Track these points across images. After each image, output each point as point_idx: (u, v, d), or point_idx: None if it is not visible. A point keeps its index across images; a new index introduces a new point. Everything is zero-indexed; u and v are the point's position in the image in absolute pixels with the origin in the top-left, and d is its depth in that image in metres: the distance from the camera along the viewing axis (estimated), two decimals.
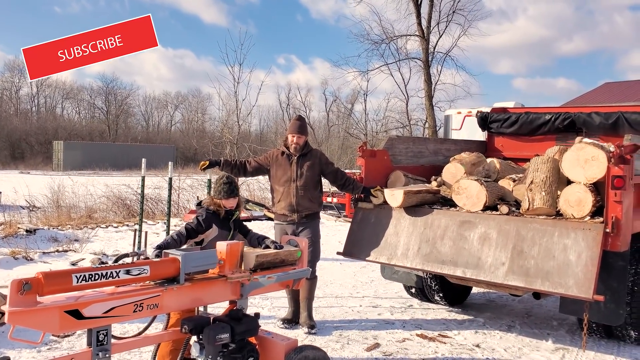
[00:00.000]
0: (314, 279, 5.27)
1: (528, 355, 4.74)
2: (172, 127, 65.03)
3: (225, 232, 4.10)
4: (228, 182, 4.08)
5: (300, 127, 5.31)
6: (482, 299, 6.70)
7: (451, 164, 5.56)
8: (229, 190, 4.06)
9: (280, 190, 5.25)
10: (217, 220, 4.08)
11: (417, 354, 4.68)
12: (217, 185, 4.10)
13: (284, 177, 5.23)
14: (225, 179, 4.10)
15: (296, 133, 5.26)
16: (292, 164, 5.24)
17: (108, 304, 3.05)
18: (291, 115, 53.35)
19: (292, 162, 5.25)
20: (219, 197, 4.06)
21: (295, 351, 3.54)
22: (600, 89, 28.70)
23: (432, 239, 4.93)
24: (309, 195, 5.23)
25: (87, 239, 9.75)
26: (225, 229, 4.11)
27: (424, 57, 24.25)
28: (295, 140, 5.24)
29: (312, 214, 5.26)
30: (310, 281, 5.15)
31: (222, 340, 3.38)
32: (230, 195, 4.06)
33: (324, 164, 5.37)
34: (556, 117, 6.85)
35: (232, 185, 4.09)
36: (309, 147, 5.36)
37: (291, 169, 5.22)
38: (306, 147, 5.32)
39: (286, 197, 5.21)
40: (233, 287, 3.67)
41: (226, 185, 4.06)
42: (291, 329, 5.20)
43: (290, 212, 5.18)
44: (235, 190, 4.12)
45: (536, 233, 4.48)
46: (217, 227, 4.08)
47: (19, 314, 2.74)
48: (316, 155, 5.38)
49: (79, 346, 4.55)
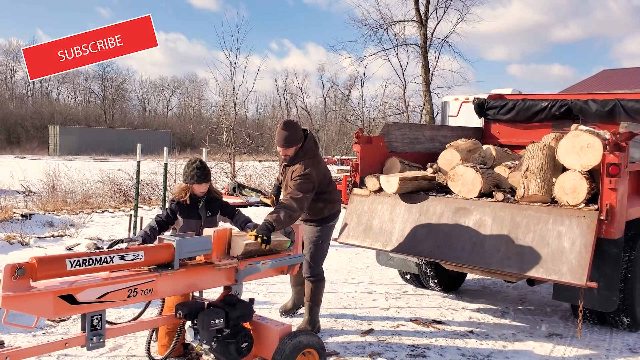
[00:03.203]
0: (318, 281, 4.77)
1: (522, 341, 4.77)
2: (169, 113, 64.81)
3: (192, 220, 4.05)
4: (201, 166, 4.00)
5: (286, 139, 4.45)
6: (477, 285, 6.74)
7: (447, 151, 5.54)
8: (202, 175, 3.97)
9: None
10: (181, 210, 4.03)
11: (410, 339, 4.71)
12: (188, 170, 3.99)
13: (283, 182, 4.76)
14: (198, 162, 4.02)
15: (281, 146, 4.49)
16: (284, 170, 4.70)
17: (102, 289, 3.06)
18: (288, 101, 53.15)
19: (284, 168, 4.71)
20: (190, 182, 3.98)
21: (289, 336, 3.56)
22: (597, 76, 28.64)
23: (427, 226, 4.93)
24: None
25: (83, 224, 9.75)
26: (193, 217, 4.05)
27: (421, 43, 24.14)
28: (282, 152, 4.55)
29: (314, 220, 4.72)
30: (314, 283, 4.75)
31: (216, 325, 3.40)
32: (202, 180, 3.99)
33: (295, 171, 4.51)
34: (553, 104, 6.84)
35: (205, 170, 4.02)
36: (301, 157, 4.53)
37: (283, 175, 4.74)
38: (297, 157, 4.53)
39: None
40: (227, 272, 3.68)
41: (199, 170, 3.97)
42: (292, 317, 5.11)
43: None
44: (208, 175, 4.03)
45: (531, 220, 4.48)
46: (181, 217, 4.05)
47: (13, 298, 2.74)
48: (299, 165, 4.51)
49: (74, 331, 4.56)
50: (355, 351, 4.39)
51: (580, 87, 26.19)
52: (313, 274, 4.75)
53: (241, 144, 20.37)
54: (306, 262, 4.72)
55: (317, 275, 4.76)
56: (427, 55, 24.21)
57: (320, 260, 4.80)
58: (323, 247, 4.80)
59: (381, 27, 25.39)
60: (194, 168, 3.99)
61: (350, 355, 4.30)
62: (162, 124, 58.72)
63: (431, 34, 24.78)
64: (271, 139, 27.76)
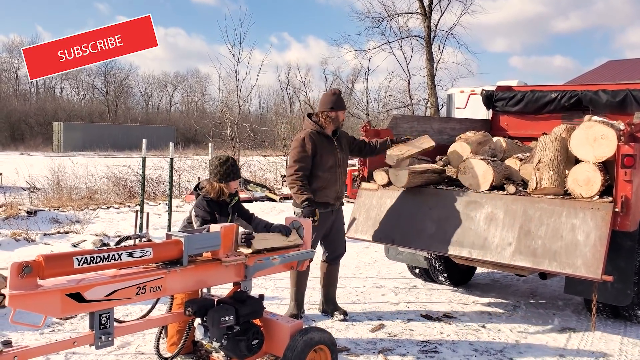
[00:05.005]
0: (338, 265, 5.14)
1: (534, 335, 4.70)
2: (172, 108, 64.74)
3: (224, 218, 3.98)
4: (232, 163, 3.92)
5: (344, 102, 4.93)
6: (487, 279, 6.67)
7: (457, 143, 5.46)
8: (233, 172, 3.91)
9: (326, 176, 4.78)
10: (217, 207, 3.97)
11: (422, 334, 4.64)
12: (219, 169, 3.88)
13: (329, 163, 4.78)
14: (232, 160, 3.94)
15: (345, 109, 4.89)
16: (335, 147, 4.83)
17: (110, 286, 3.01)
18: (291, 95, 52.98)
19: (334, 145, 4.83)
20: (225, 181, 3.89)
21: (300, 333, 3.50)
22: (602, 67, 28.38)
23: (438, 220, 4.86)
24: (345, 180, 5.04)
25: (89, 220, 9.72)
26: (224, 214, 4.00)
27: (425, 35, 23.98)
28: (342, 117, 4.87)
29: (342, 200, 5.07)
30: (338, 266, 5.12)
31: (226, 322, 3.34)
32: (236, 177, 3.94)
33: (352, 139, 5.11)
34: (562, 95, 6.74)
35: (236, 167, 3.96)
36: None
37: (334, 152, 4.82)
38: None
39: (333, 184, 4.81)
40: (237, 268, 3.62)
41: (231, 167, 3.89)
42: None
43: (335, 199, 4.88)
44: (239, 172, 4.00)
45: (544, 213, 4.41)
46: (217, 214, 3.99)
47: (20, 297, 2.69)
48: (344, 134, 5.07)
49: (81, 328, 4.52)
50: (366, 347, 4.33)
51: (585, 78, 25.95)
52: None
53: (245, 139, 20.33)
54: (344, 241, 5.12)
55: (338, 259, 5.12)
56: (431, 48, 24.06)
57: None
58: None
59: (384, 19, 25.25)
60: (229, 166, 3.90)
61: (361, 351, 4.25)
62: (166, 120, 58.68)
63: (435, 26, 24.62)
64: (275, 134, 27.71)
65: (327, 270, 5.12)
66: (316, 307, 5.21)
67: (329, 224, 4.92)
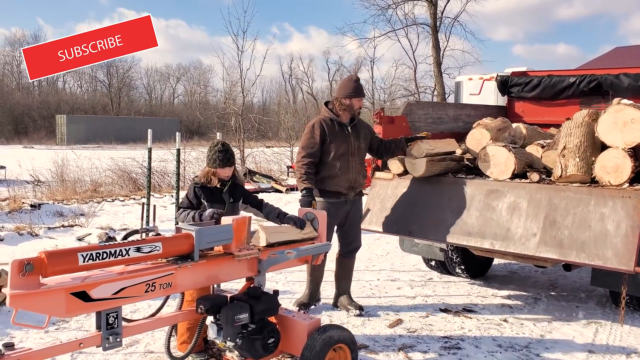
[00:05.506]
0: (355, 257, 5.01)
1: (559, 330, 4.51)
2: (175, 100, 64.49)
3: (217, 205, 3.79)
4: (224, 149, 3.76)
5: (363, 90, 4.80)
6: (504, 270, 6.47)
7: (476, 130, 5.23)
8: (225, 158, 3.74)
9: (336, 164, 4.60)
10: (205, 194, 3.80)
11: (442, 330, 4.45)
12: (211, 153, 3.78)
13: (340, 150, 4.61)
14: (220, 146, 3.78)
15: (363, 96, 4.77)
16: (348, 134, 4.68)
17: (118, 284, 2.82)
18: (294, 86, 52.66)
19: (347, 132, 4.69)
20: (214, 166, 3.75)
21: (318, 331, 3.31)
22: (610, 54, 27.97)
23: (457, 210, 4.65)
24: (363, 171, 4.84)
25: (93, 213, 9.54)
26: (217, 201, 3.81)
27: (432, 23, 23.65)
28: (359, 105, 4.73)
29: (361, 191, 4.87)
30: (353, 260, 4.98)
31: (241, 320, 3.16)
32: (226, 164, 3.76)
33: (372, 132, 4.93)
34: (581, 79, 6.50)
35: (228, 153, 3.78)
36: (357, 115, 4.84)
37: (347, 140, 4.66)
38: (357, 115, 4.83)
39: (344, 173, 4.62)
40: (250, 263, 3.44)
41: (221, 153, 3.74)
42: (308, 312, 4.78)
43: (347, 189, 4.68)
44: (232, 158, 3.81)
45: (570, 202, 4.19)
46: (205, 201, 3.80)
47: (21, 297, 2.51)
48: (365, 124, 4.90)
49: (87, 325, 4.35)
50: (385, 344, 4.14)
51: (591, 65, 25.58)
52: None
53: (249, 130, 20.12)
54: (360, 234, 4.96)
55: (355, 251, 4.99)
56: (437, 35, 23.72)
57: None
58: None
59: (390, 7, 24.91)
60: (217, 151, 3.75)
61: (381, 348, 4.06)
62: (169, 112, 58.48)
63: (441, 13, 24.28)
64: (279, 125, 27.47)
65: (341, 263, 4.93)
66: (330, 301, 5.02)
67: (343, 215, 4.73)
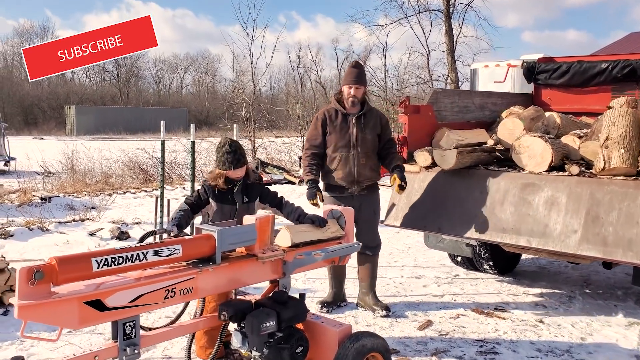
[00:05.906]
0: (377, 255, 4.76)
1: (600, 332, 4.24)
2: (183, 90, 64.23)
3: (226, 206, 3.56)
4: (232, 150, 3.48)
5: (359, 76, 4.46)
6: (533, 266, 6.19)
7: (508, 120, 4.93)
8: (234, 160, 3.47)
9: (336, 157, 4.44)
10: (214, 194, 3.55)
11: (475, 332, 4.20)
12: (219, 155, 3.51)
13: (341, 142, 4.42)
14: (227, 147, 3.49)
15: (353, 83, 4.41)
16: (350, 125, 4.45)
17: (135, 291, 2.59)
18: (302, 75, 52.20)
19: (350, 123, 4.46)
20: (224, 168, 3.48)
21: (350, 339, 3.06)
22: (625, 39, 27.27)
23: (490, 205, 4.38)
24: (371, 164, 4.52)
25: (105, 206, 9.34)
26: (227, 202, 3.56)
27: (445, 9, 23.12)
28: (353, 92, 4.41)
29: (372, 185, 4.59)
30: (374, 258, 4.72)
31: (267, 329, 2.92)
32: (237, 165, 3.48)
33: (384, 125, 4.61)
34: (614, 65, 6.15)
35: (238, 153, 3.50)
36: (368, 105, 4.58)
37: (350, 131, 4.44)
38: (365, 104, 4.54)
39: (344, 166, 4.42)
40: (274, 265, 3.20)
41: (230, 155, 3.46)
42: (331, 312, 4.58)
43: (349, 183, 4.45)
44: (242, 158, 3.52)
45: (614, 196, 3.90)
46: (214, 201, 3.55)
47: (31, 307, 2.28)
48: (377, 115, 4.63)
49: (102, 328, 4.13)
50: (416, 348, 3.89)
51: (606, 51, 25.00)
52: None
53: (260, 120, 19.84)
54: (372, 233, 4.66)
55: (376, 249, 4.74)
56: (450, 22, 23.24)
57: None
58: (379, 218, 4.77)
59: None
60: (225, 152, 3.47)
61: (412, 353, 3.81)
62: (178, 102, 58.21)
63: None
64: (287, 115, 27.12)
65: (363, 260, 4.68)
66: (353, 300, 4.79)
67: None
